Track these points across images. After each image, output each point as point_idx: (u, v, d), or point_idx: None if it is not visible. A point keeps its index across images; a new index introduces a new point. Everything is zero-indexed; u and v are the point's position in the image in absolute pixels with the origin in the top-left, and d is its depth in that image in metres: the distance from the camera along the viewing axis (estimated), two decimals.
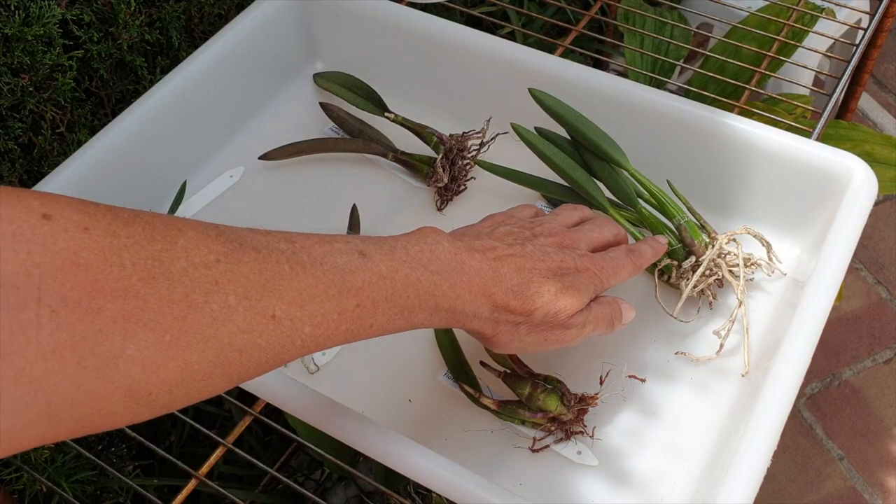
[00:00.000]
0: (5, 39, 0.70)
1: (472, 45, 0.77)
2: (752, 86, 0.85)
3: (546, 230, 0.58)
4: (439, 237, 0.51)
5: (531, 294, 0.52)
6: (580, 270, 0.56)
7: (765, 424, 0.53)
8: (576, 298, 0.54)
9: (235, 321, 0.38)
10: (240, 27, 0.79)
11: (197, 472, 0.60)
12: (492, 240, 0.54)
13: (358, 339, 0.45)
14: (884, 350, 1.45)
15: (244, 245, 0.40)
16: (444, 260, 0.49)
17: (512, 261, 0.53)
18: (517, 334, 0.53)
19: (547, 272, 0.54)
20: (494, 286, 0.51)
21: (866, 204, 0.64)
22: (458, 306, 0.49)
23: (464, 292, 0.49)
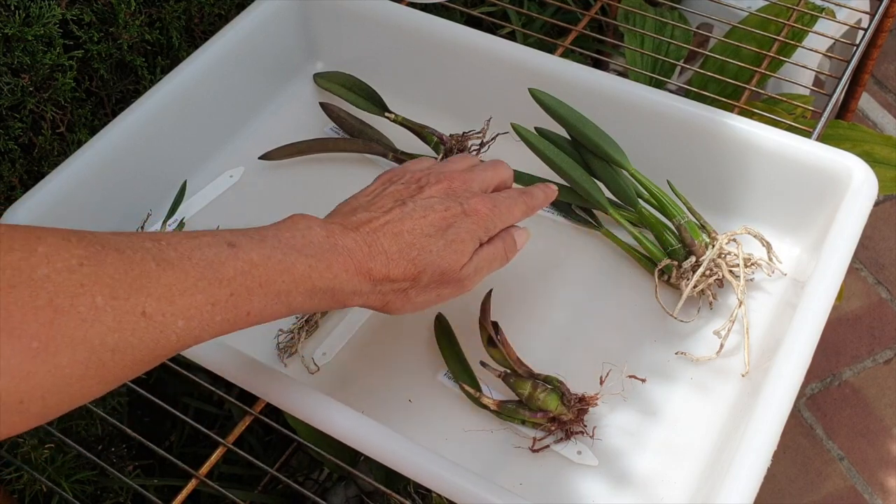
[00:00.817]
0: (5, 39, 0.70)
1: (472, 45, 0.77)
2: (752, 86, 0.85)
3: (435, 178, 0.57)
4: (311, 222, 0.51)
5: (412, 258, 0.52)
6: (468, 214, 0.55)
7: (765, 424, 0.53)
8: (460, 253, 0.54)
9: (105, 321, 0.38)
10: (240, 27, 0.79)
11: (197, 472, 0.60)
12: (369, 211, 0.54)
13: (237, 327, 0.45)
14: (884, 350, 1.45)
15: (107, 247, 0.40)
16: (318, 243, 0.49)
17: (389, 228, 0.52)
18: (408, 299, 0.54)
19: (429, 229, 0.53)
20: (371, 261, 0.51)
21: (866, 204, 0.64)
22: (337, 286, 0.49)
23: (340, 272, 0.49)
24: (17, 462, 0.72)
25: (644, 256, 0.69)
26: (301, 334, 0.65)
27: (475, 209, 0.56)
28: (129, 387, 0.65)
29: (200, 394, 1.05)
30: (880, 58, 1.80)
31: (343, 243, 0.50)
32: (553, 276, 0.71)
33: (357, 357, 0.66)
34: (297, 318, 0.66)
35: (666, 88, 0.92)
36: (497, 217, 0.57)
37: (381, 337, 0.67)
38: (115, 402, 0.89)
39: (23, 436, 0.78)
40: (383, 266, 0.51)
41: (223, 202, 0.76)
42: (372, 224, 0.53)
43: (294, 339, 0.65)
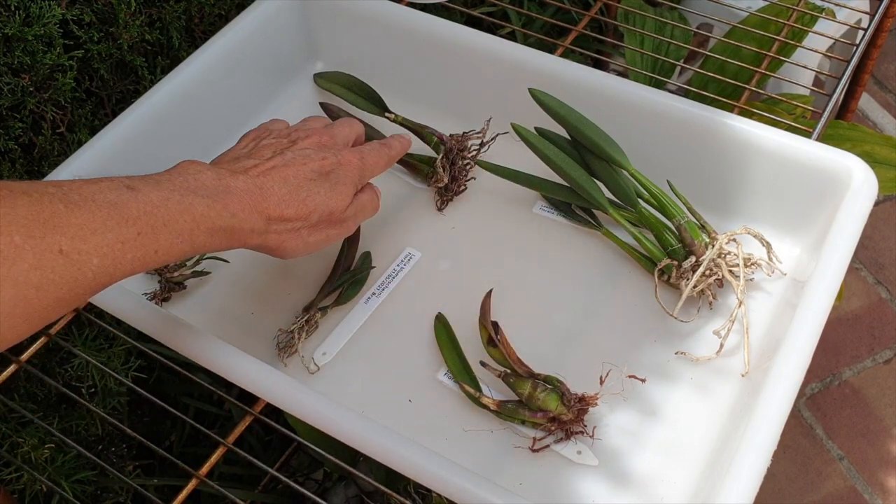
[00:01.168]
0: (5, 39, 0.70)
1: (472, 45, 0.77)
2: (752, 86, 0.85)
3: (303, 134, 0.62)
4: (200, 167, 0.53)
5: (302, 199, 0.56)
6: (342, 164, 0.60)
7: (765, 424, 0.53)
8: (344, 194, 0.59)
9: (26, 259, 0.41)
10: (240, 27, 0.79)
11: (197, 472, 0.60)
12: (252, 159, 0.57)
13: (147, 266, 0.48)
14: (884, 350, 1.45)
15: (14, 191, 0.42)
16: (211, 186, 0.52)
17: (275, 172, 0.56)
18: (300, 238, 0.58)
19: (312, 174, 0.58)
20: (265, 201, 0.54)
21: (866, 204, 0.64)
22: (236, 224, 0.53)
23: (238, 211, 0.53)
24: (17, 462, 0.72)
25: (644, 256, 0.69)
26: (301, 334, 0.65)
27: (348, 160, 0.61)
28: (129, 387, 0.65)
29: (200, 394, 1.05)
30: (880, 58, 1.80)
31: (235, 185, 0.53)
32: (553, 276, 0.71)
33: (357, 357, 0.66)
34: (297, 318, 0.66)
35: (666, 88, 0.92)
36: (367, 167, 0.62)
37: (381, 337, 0.67)
38: (116, 402, 0.89)
39: (23, 436, 0.78)
40: (276, 206, 0.55)
41: None
42: (258, 168, 0.56)
43: (294, 339, 0.65)
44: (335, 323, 0.68)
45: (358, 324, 0.68)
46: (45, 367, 0.84)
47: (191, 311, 0.68)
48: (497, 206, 0.76)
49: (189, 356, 0.58)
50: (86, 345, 0.82)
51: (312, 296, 0.68)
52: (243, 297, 0.70)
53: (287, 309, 0.68)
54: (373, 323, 0.68)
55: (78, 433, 0.87)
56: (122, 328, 0.75)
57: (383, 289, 0.70)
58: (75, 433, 0.87)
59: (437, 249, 0.73)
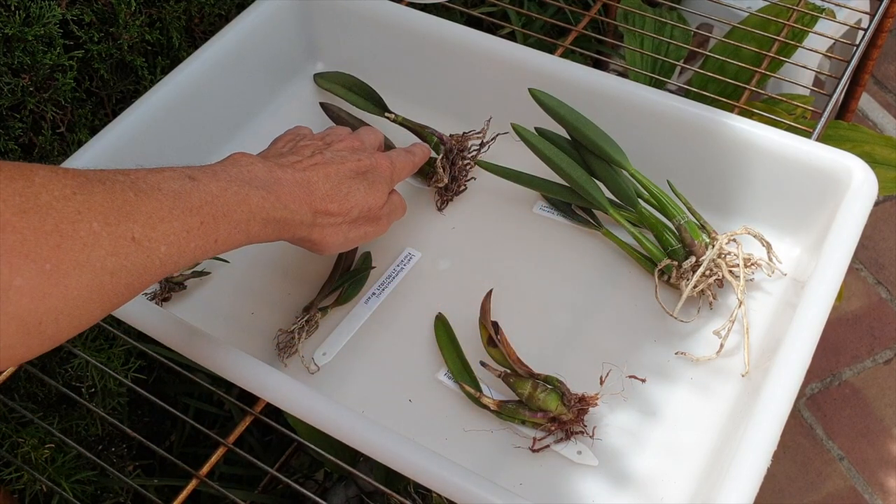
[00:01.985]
0: (6, 39, 0.70)
1: (472, 45, 0.77)
2: (752, 86, 0.85)
3: (335, 138, 0.64)
4: (251, 159, 0.55)
5: (344, 195, 0.59)
6: (376, 166, 0.63)
7: (765, 424, 0.53)
8: (381, 192, 0.62)
9: (103, 246, 0.42)
10: (240, 27, 0.79)
11: (197, 472, 0.60)
12: (295, 155, 0.60)
13: (207, 255, 0.49)
14: (884, 350, 1.45)
15: (91, 179, 0.43)
16: (262, 178, 0.54)
17: (318, 169, 0.58)
18: (341, 233, 0.60)
19: (350, 174, 0.60)
20: (311, 195, 0.57)
21: (866, 204, 0.64)
22: (287, 216, 0.55)
23: (289, 203, 0.55)
24: (17, 462, 0.72)
25: (644, 256, 0.69)
26: (301, 334, 0.65)
27: (381, 162, 0.63)
28: (129, 387, 0.65)
29: (200, 394, 1.05)
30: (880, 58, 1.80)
31: (284, 177, 0.56)
32: (553, 276, 0.71)
33: (357, 357, 0.66)
34: (297, 318, 0.66)
35: (666, 88, 0.92)
36: (396, 170, 0.65)
37: (381, 337, 0.67)
38: (116, 402, 0.89)
39: (23, 436, 0.78)
40: (321, 200, 0.57)
41: None
42: (303, 164, 0.58)
43: (294, 339, 0.65)
44: (335, 323, 0.68)
45: (358, 324, 0.68)
46: (45, 367, 0.84)
47: (191, 311, 0.68)
48: (497, 206, 0.76)
49: (189, 356, 0.58)
50: (86, 345, 0.82)
51: (312, 296, 0.68)
52: (243, 297, 0.70)
53: (287, 309, 0.68)
54: (373, 323, 0.68)
55: (78, 433, 0.87)
56: (122, 328, 0.75)
57: (383, 289, 0.70)
58: (75, 433, 0.87)
59: (437, 249, 0.73)
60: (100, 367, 0.67)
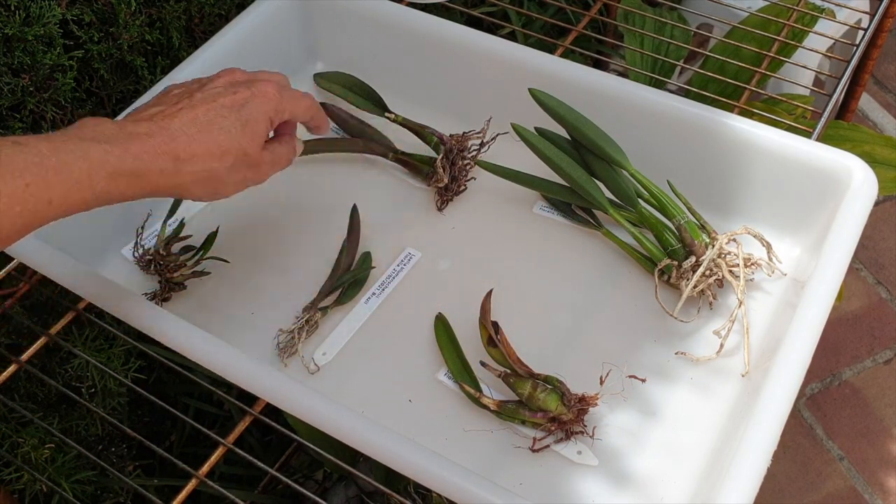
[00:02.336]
0: (6, 39, 0.70)
1: (473, 45, 0.77)
2: (752, 86, 0.85)
3: (216, 75, 0.60)
4: (101, 120, 0.52)
5: (214, 138, 0.55)
6: (256, 95, 0.58)
7: (765, 424, 0.53)
8: (257, 133, 0.57)
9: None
10: (240, 27, 0.79)
11: (197, 472, 0.60)
12: (158, 106, 0.56)
13: (43, 219, 0.47)
14: (884, 350, 1.45)
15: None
16: (110, 133, 0.51)
17: (182, 113, 0.55)
18: (220, 180, 0.56)
19: (222, 110, 0.56)
20: (173, 142, 0.53)
21: (866, 204, 0.64)
22: (141, 167, 0.51)
23: (141, 153, 0.51)
24: (17, 462, 0.72)
25: (644, 256, 0.69)
26: (301, 334, 0.65)
27: (263, 90, 0.58)
28: (129, 387, 0.65)
29: (200, 394, 1.05)
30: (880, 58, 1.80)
31: (137, 130, 0.52)
32: (553, 276, 0.71)
33: (357, 357, 0.66)
34: (297, 318, 0.66)
35: (666, 88, 0.92)
36: (285, 99, 0.60)
37: (381, 337, 0.67)
38: (116, 402, 0.89)
39: (23, 436, 0.78)
40: (186, 145, 0.53)
41: (223, 202, 0.76)
42: (165, 113, 0.55)
43: (294, 339, 0.65)
44: (335, 323, 0.68)
45: (358, 324, 0.68)
46: (46, 368, 0.84)
47: (191, 311, 0.68)
48: (497, 206, 0.76)
49: (189, 356, 0.58)
50: (86, 345, 0.82)
51: (312, 296, 0.68)
52: (243, 297, 0.70)
53: (287, 309, 0.68)
54: (373, 323, 0.68)
55: (78, 433, 0.87)
56: (122, 328, 0.75)
57: (383, 289, 0.70)
58: (75, 433, 0.87)
59: (437, 249, 0.73)
60: (100, 367, 0.67)
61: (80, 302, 0.69)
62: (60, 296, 0.78)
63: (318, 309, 0.67)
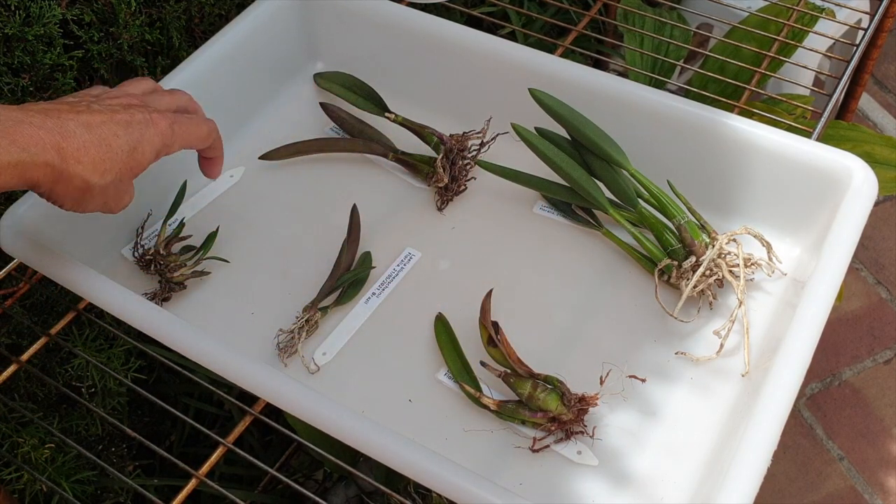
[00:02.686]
0: (6, 39, 0.70)
1: (472, 45, 0.77)
2: (753, 86, 0.85)
3: (115, 95, 0.59)
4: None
5: (102, 151, 0.53)
6: (150, 125, 0.57)
7: (765, 424, 0.53)
8: (140, 163, 0.56)
9: None
10: (240, 27, 0.79)
11: (197, 472, 0.60)
12: (57, 104, 0.54)
13: None
14: (884, 350, 1.45)
15: None
16: (2, 120, 0.49)
17: (80, 117, 0.53)
18: (85, 195, 0.54)
19: (117, 128, 0.55)
20: (64, 141, 0.52)
21: (866, 204, 0.64)
22: (26, 159, 0.49)
23: (29, 145, 0.50)
24: (17, 462, 0.72)
25: (644, 256, 0.69)
26: (301, 334, 0.65)
27: (157, 123, 0.57)
28: (129, 387, 0.65)
29: (200, 394, 1.05)
30: (880, 58, 1.80)
31: (28, 120, 0.51)
32: (553, 276, 0.71)
33: (357, 357, 0.66)
34: (297, 318, 0.66)
35: (666, 88, 0.92)
36: (177, 135, 0.59)
37: (381, 337, 0.67)
38: (116, 402, 0.89)
39: (23, 436, 0.78)
40: (76, 149, 0.52)
41: (223, 202, 0.76)
42: (61, 110, 0.53)
43: (294, 339, 0.65)
44: (335, 323, 0.68)
45: (358, 324, 0.68)
46: (46, 367, 0.84)
47: (191, 311, 0.68)
48: (497, 206, 0.76)
49: (189, 356, 0.58)
50: (86, 345, 0.82)
51: (312, 296, 0.68)
52: (243, 297, 0.70)
53: (287, 309, 0.68)
54: (373, 323, 0.68)
55: (78, 433, 0.87)
56: (122, 328, 0.75)
57: (383, 289, 0.70)
58: (75, 433, 0.87)
59: (437, 249, 0.73)
60: (100, 367, 0.67)
61: (80, 302, 0.69)
62: (60, 296, 0.78)
63: (318, 309, 0.67)
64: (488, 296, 0.66)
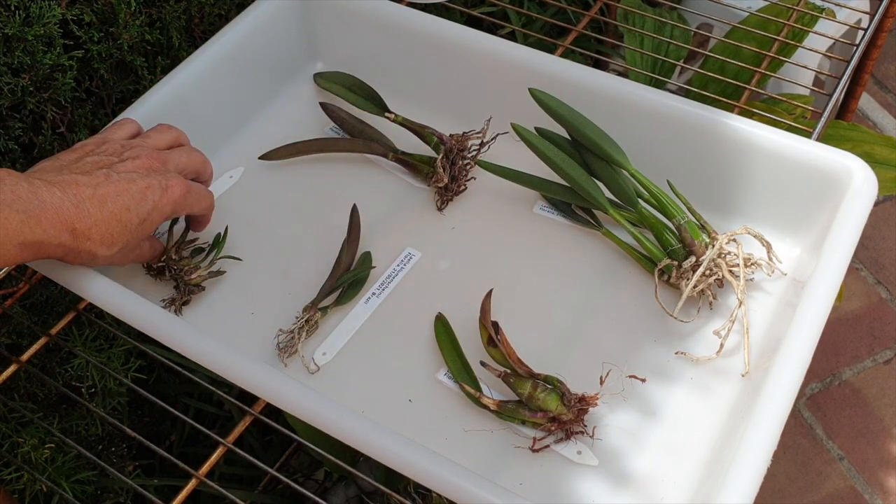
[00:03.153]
0: (5, 39, 0.70)
1: (472, 45, 0.77)
2: (753, 86, 0.85)
3: (135, 153, 0.61)
4: (16, 178, 0.53)
5: (111, 227, 0.57)
6: (165, 192, 0.60)
7: (765, 424, 0.53)
8: (148, 230, 0.60)
9: None
10: (240, 27, 0.79)
11: (197, 472, 0.60)
12: (74, 174, 0.57)
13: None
14: (884, 350, 1.45)
15: None
16: (25, 199, 0.53)
17: (95, 192, 0.56)
18: (93, 257, 0.58)
19: (130, 202, 0.58)
20: (78, 221, 0.55)
21: (866, 204, 0.64)
22: (45, 239, 0.54)
23: (49, 228, 0.53)
24: (17, 462, 0.72)
25: (644, 256, 0.69)
26: (301, 334, 0.65)
27: (172, 190, 0.61)
28: (129, 387, 0.65)
29: (200, 394, 1.05)
30: (880, 58, 1.80)
31: (51, 200, 0.54)
32: (553, 276, 0.71)
33: (357, 357, 0.66)
34: (297, 318, 0.66)
35: (666, 88, 0.92)
36: (189, 201, 0.63)
37: (381, 337, 0.67)
38: (116, 402, 0.89)
39: (23, 436, 0.78)
40: (87, 227, 0.56)
41: (223, 202, 0.76)
42: (78, 185, 0.56)
43: (294, 339, 0.65)
44: (335, 323, 0.68)
45: (358, 324, 0.68)
46: (46, 367, 0.84)
47: (191, 312, 0.68)
48: (497, 206, 0.76)
49: (189, 356, 0.58)
50: (86, 345, 0.82)
51: (312, 296, 0.68)
52: (243, 297, 0.70)
53: (287, 309, 0.68)
54: (373, 323, 0.68)
55: (78, 433, 0.87)
56: (122, 328, 0.75)
57: (383, 289, 0.70)
58: (75, 433, 0.87)
59: (437, 249, 0.73)
60: (100, 367, 0.67)
61: (80, 302, 0.69)
62: (60, 296, 0.78)
63: (318, 309, 0.67)
64: (488, 296, 0.66)
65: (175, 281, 0.68)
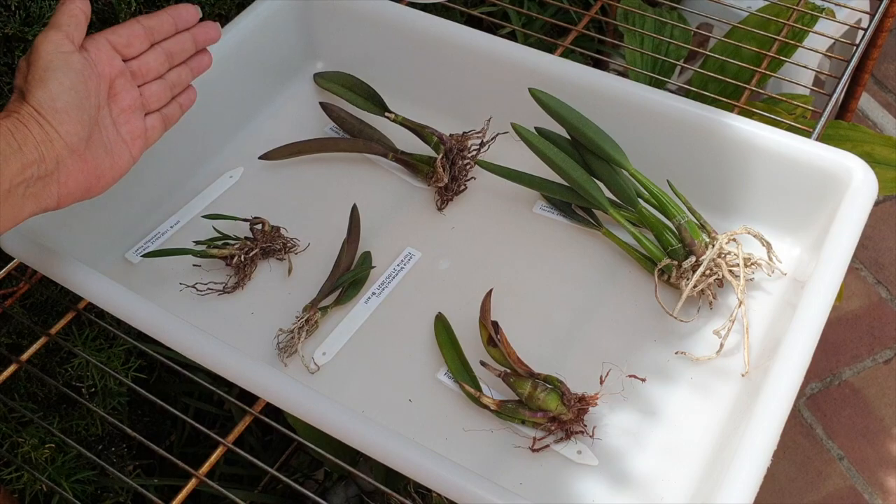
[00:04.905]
0: (6, 39, 0.70)
1: (473, 45, 0.77)
2: (753, 86, 0.85)
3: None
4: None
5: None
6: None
7: (765, 424, 0.53)
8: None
9: None
10: (240, 27, 0.79)
11: (197, 472, 0.60)
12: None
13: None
14: (884, 350, 1.45)
15: None
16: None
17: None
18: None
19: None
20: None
21: (866, 204, 0.64)
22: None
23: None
24: (17, 462, 0.72)
25: (644, 256, 0.69)
26: (301, 334, 0.65)
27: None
28: (130, 387, 0.65)
29: (200, 394, 1.05)
30: (880, 58, 1.80)
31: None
32: (553, 276, 0.71)
33: (357, 357, 0.66)
34: (297, 318, 0.66)
35: (666, 88, 0.92)
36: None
37: (381, 337, 0.67)
38: (116, 402, 0.89)
39: (23, 436, 0.78)
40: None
41: (224, 202, 0.76)
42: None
43: (294, 339, 0.65)
44: (335, 323, 0.68)
45: (358, 324, 0.68)
46: (46, 367, 0.84)
47: (191, 312, 0.68)
48: (497, 206, 0.76)
49: (189, 356, 0.58)
50: (86, 345, 0.82)
51: (312, 296, 0.68)
52: (243, 296, 0.70)
53: (287, 309, 0.68)
54: (373, 323, 0.68)
55: (78, 433, 0.87)
56: (122, 328, 0.75)
57: (383, 289, 0.70)
58: (75, 433, 0.87)
59: (437, 249, 0.73)
60: (100, 366, 0.67)
61: (80, 302, 0.69)
62: (60, 296, 0.78)
63: (318, 309, 0.67)
64: (488, 296, 0.66)
65: (236, 271, 0.70)
